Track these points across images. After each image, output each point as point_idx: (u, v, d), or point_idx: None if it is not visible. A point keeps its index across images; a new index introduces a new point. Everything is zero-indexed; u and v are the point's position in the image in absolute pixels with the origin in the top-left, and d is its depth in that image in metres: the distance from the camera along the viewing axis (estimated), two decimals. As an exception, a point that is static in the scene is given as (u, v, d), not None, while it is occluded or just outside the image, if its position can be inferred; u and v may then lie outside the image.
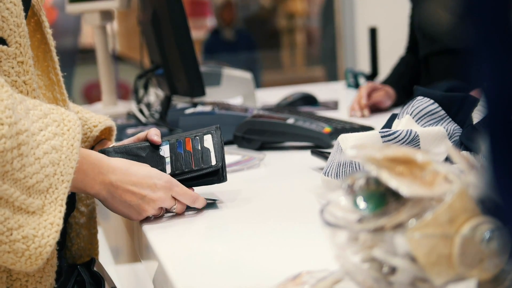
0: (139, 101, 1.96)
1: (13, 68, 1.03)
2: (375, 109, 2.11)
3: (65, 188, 0.99)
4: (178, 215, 1.17)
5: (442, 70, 2.01)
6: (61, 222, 0.98)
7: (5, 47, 1.00)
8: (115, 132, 1.37)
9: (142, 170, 1.13)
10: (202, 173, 1.20)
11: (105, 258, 1.52)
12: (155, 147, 1.23)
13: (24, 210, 0.96)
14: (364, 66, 3.70)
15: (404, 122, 1.23)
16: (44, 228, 0.96)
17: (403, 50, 3.02)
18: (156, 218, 1.16)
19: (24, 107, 0.99)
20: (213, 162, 1.20)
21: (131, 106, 2.10)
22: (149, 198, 1.11)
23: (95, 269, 1.25)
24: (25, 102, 1.00)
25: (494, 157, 0.43)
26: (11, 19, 1.01)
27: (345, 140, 1.17)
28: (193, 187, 1.20)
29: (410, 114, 1.23)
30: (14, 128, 0.94)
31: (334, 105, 2.21)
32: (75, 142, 1.03)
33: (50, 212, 0.97)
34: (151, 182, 1.12)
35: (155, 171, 1.15)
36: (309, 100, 2.22)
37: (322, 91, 2.43)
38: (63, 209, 0.98)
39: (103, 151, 1.21)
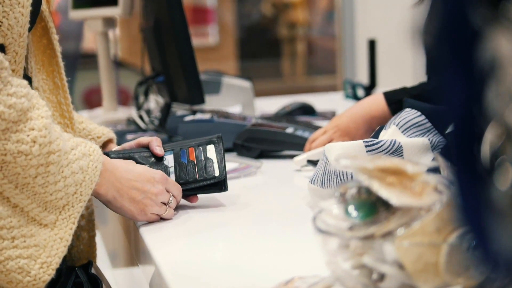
0: (139, 108, 1.98)
1: None
2: None
3: (80, 207, 1.05)
4: (175, 218, 1.19)
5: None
6: (70, 238, 1.03)
7: (2, 54, 1.03)
8: (115, 141, 1.40)
9: (139, 167, 1.18)
10: (205, 184, 1.24)
11: (102, 262, 1.54)
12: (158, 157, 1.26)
13: (37, 221, 1.01)
14: (363, 77, 3.72)
15: (390, 133, 1.25)
16: (53, 241, 1.01)
17: (401, 62, 3.04)
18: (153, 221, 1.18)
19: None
20: (216, 174, 1.25)
21: (131, 112, 2.12)
22: (151, 192, 1.15)
23: (92, 271, 1.27)
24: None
25: (459, 172, 0.45)
26: (16, 28, 1.04)
27: (331, 150, 1.20)
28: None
29: (396, 125, 1.26)
30: (47, 147, 0.99)
31: (331, 115, 2.24)
32: (99, 164, 1.07)
33: (62, 227, 1.02)
34: (150, 176, 1.16)
35: (149, 168, 1.20)
36: (307, 110, 2.25)
37: (320, 101, 2.46)
38: (74, 226, 1.04)
39: (106, 155, 1.24)
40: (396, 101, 1.53)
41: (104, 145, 1.38)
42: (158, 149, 1.26)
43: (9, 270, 0.98)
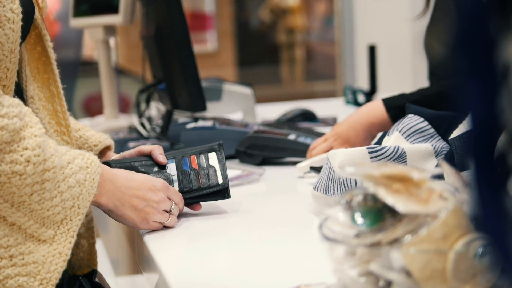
0: (140, 115, 1.98)
1: None
2: None
3: (78, 220, 1.05)
4: (178, 225, 1.19)
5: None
6: (69, 252, 1.03)
7: None
8: (113, 148, 1.40)
9: (140, 175, 1.18)
10: (209, 192, 1.24)
11: (105, 270, 1.54)
12: (161, 165, 1.26)
13: (35, 238, 1.01)
14: (363, 83, 3.73)
15: (393, 139, 1.26)
16: (52, 257, 1.02)
17: (402, 67, 3.04)
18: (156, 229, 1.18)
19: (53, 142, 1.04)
20: (220, 181, 1.25)
21: (133, 119, 2.12)
22: (153, 200, 1.15)
23: (96, 280, 1.27)
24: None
25: (477, 178, 0.46)
26: (7, 44, 1.04)
27: (334, 156, 1.20)
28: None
29: (399, 131, 1.26)
30: (41, 166, 0.99)
31: (333, 121, 2.24)
32: (96, 176, 1.07)
33: (60, 242, 1.03)
34: (151, 184, 1.16)
35: (150, 176, 1.20)
36: (308, 116, 2.25)
37: (321, 107, 2.46)
38: (73, 240, 1.04)
39: (107, 164, 1.24)
40: (395, 107, 1.54)
41: (102, 153, 1.38)
42: (161, 157, 1.26)
43: None
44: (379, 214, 0.75)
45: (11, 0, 1.04)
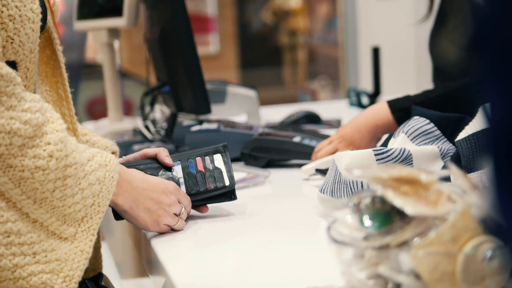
0: (145, 118, 1.98)
1: None
2: None
3: (99, 218, 1.05)
4: (185, 228, 1.19)
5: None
6: (90, 250, 1.03)
7: (14, 70, 1.03)
8: (118, 155, 1.41)
9: (153, 177, 1.19)
10: (216, 194, 1.24)
11: (110, 273, 1.54)
12: (167, 167, 1.26)
13: (57, 235, 1.02)
14: (367, 85, 3.73)
15: (399, 141, 1.26)
16: (74, 254, 1.02)
17: (405, 69, 3.03)
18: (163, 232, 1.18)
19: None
20: (227, 183, 1.25)
21: (137, 122, 2.12)
22: (165, 203, 1.15)
23: (103, 283, 1.27)
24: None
25: (497, 180, 0.46)
26: (27, 44, 1.04)
27: (340, 159, 1.20)
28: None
29: (405, 133, 1.26)
30: (63, 161, 1.00)
31: (337, 124, 2.24)
32: (115, 174, 1.08)
33: (82, 240, 1.03)
34: (164, 187, 1.17)
35: (162, 178, 1.20)
36: (313, 118, 2.25)
37: (325, 109, 2.46)
38: (94, 238, 1.04)
39: None
40: (400, 109, 1.54)
41: None
42: (168, 159, 1.26)
43: (33, 286, 0.99)
44: (388, 216, 0.75)
45: (31, 0, 1.04)
